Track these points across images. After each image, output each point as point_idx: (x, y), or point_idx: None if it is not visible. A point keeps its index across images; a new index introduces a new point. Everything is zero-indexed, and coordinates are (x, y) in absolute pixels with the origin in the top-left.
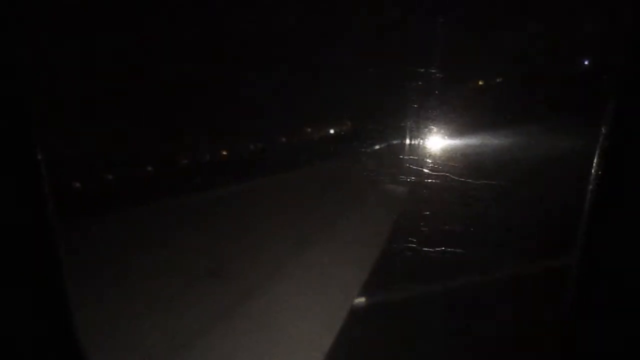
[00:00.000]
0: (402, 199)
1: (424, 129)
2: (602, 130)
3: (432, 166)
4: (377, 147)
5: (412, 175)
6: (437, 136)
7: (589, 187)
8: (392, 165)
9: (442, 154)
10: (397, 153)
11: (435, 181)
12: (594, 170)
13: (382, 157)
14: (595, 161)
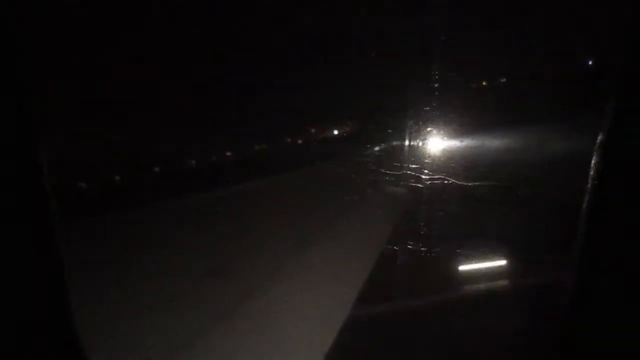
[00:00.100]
0: (402, 200)
1: (425, 129)
2: (602, 130)
3: (432, 167)
4: (378, 148)
5: (412, 176)
6: (438, 137)
7: (589, 187)
8: (392, 165)
9: (443, 155)
10: (397, 153)
11: (435, 182)
12: (593, 171)
13: (383, 158)
14: (594, 161)
